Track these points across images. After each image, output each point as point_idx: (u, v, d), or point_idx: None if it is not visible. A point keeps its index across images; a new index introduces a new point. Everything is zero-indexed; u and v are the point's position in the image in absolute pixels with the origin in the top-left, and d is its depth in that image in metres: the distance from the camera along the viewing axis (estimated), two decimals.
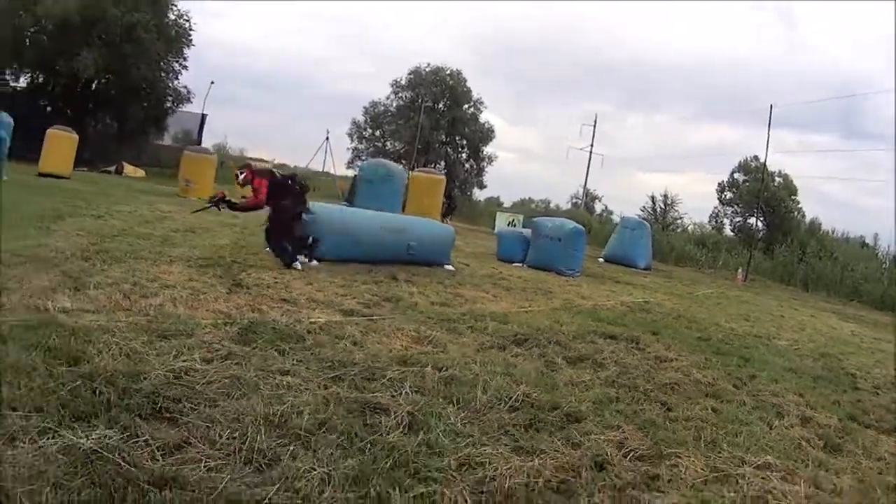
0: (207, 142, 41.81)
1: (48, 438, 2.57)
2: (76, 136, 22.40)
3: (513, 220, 27.74)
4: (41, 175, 19.17)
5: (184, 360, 3.70)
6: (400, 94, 48.12)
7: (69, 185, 17.01)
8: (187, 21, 37.03)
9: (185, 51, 37.44)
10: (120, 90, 34.55)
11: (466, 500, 2.62)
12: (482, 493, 2.71)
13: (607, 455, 3.25)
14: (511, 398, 3.88)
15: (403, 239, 9.38)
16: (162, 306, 4.92)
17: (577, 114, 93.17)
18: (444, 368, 4.32)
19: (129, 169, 31.25)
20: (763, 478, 3.24)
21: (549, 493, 2.82)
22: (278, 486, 2.50)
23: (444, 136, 47.14)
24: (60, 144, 21.13)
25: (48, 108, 33.99)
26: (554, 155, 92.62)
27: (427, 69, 47.34)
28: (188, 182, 20.56)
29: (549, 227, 13.20)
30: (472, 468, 2.91)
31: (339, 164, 50.63)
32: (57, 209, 10.05)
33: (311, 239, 8.37)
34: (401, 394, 3.72)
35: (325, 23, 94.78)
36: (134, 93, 35.35)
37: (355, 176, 36.22)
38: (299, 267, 7.84)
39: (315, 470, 2.65)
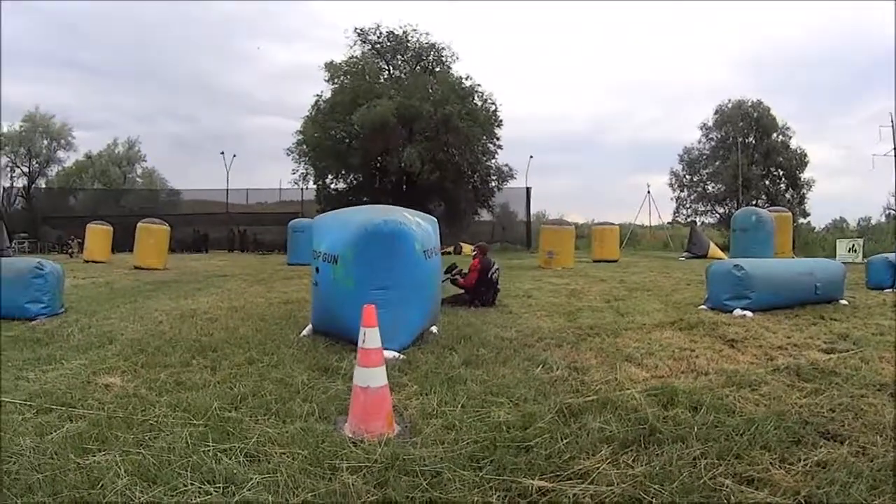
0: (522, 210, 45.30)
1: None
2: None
3: (853, 245, 26.61)
4: None
5: (797, 399, 5.01)
6: (710, 136, 48.73)
7: None
8: (493, 104, 40.90)
9: (497, 131, 41.12)
10: (446, 177, 38.37)
11: None
12: None
13: None
14: None
15: (811, 281, 10.13)
16: (711, 364, 6.25)
17: (862, 117, 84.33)
18: None
19: (467, 248, 33.71)
20: None
21: None
22: None
23: (760, 170, 46.48)
24: None
25: (366, 202, 38.78)
26: (853, 166, 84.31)
27: (729, 105, 47.49)
28: (551, 254, 22.31)
29: None
30: None
31: (663, 214, 51.03)
32: None
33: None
34: None
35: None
36: (459, 177, 39.32)
37: (692, 224, 37.04)
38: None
39: None
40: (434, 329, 7.93)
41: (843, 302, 10.74)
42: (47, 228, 39.72)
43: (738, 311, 9.30)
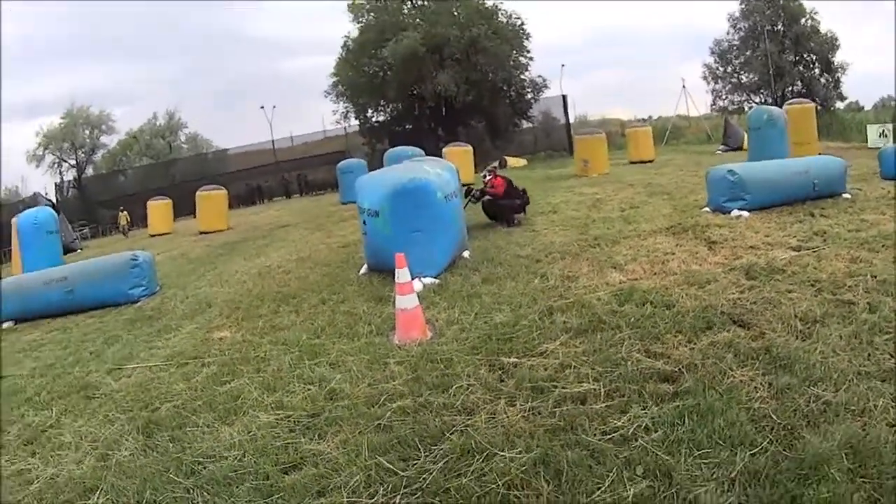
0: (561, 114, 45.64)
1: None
2: (470, 148, 26.72)
3: (883, 130, 25.95)
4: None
5: (732, 294, 6.21)
6: (738, 26, 47.75)
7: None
8: (518, 19, 41.67)
9: (526, 43, 41.88)
10: (482, 96, 39.68)
11: None
12: None
13: None
14: None
15: (808, 179, 10.92)
16: (681, 266, 7.52)
17: None
18: (877, 276, 6.25)
19: (512, 161, 35.12)
20: None
21: None
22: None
23: (792, 57, 45.50)
24: (459, 158, 23.28)
25: (408, 129, 40.84)
26: None
27: None
28: (586, 162, 23.12)
29: None
30: None
31: (700, 106, 50.61)
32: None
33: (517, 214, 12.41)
34: (857, 293, 5.87)
35: None
36: (495, 94, 40.56)
37: (725, 116, 37.02)
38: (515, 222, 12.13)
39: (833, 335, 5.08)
40: (466, 254, 9.60)
41: (846, 196, 11.30)
42: (103, 211, 41.81)
43: (735, 212, 10.40)
